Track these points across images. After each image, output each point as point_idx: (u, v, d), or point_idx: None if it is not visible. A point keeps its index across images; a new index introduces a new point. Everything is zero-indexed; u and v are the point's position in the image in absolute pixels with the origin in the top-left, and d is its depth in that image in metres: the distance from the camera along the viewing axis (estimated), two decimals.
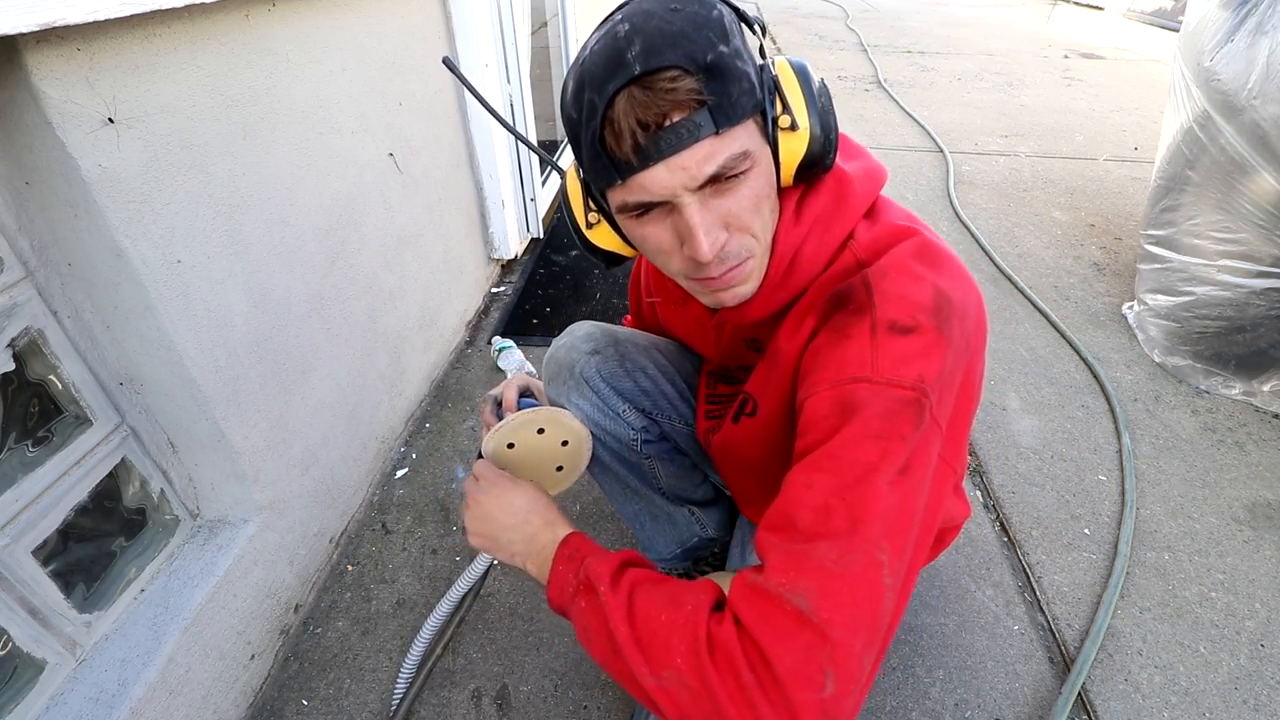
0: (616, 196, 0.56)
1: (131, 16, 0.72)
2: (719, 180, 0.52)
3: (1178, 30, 1.90)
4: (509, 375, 1.70)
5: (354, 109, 1.23)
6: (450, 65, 0.71)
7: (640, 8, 0.51)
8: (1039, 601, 1.18)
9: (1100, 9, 6.73)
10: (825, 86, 0.58)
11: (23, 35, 0.62)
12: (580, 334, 0.92)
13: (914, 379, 0.53)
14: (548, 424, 0.84)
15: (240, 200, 0.94)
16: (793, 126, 0.55)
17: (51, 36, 0.65)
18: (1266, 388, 1.60)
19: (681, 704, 0.48)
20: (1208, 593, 1.19)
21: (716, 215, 0.54)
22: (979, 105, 3.90)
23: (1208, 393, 1.66)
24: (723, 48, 0.50)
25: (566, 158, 2.93)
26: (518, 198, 2.16)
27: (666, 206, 0.54)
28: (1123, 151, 3.21)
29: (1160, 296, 1.75)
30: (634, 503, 1.03)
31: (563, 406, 0.90)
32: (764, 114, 0.54)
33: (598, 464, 0.97)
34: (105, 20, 0.67)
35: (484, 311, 2.02)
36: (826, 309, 0.59)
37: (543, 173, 2.39)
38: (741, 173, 0.53)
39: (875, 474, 0.50)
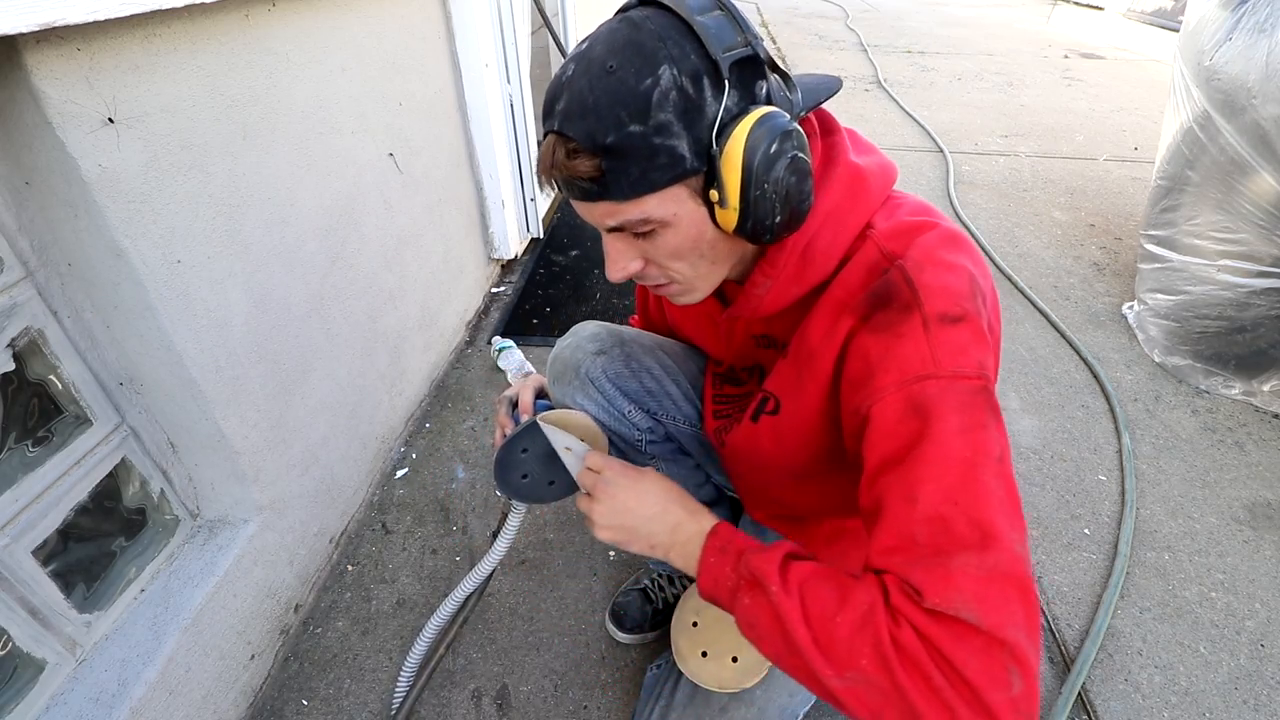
0: None
1: (131, 16, 0.72)
2: (632, 233, 0.56)
3: (1178, 30, 1.90)
4: (509, 375, 1.70)
5: (354, 109, 1.23)
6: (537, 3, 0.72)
7: (588, 53, 0.52)
8: (1039, 601, 1.18)
9: (1100, 9, 6.73)
10: (794, 157, 0.53)
11: (23, 35, 0.62)
12: (585, 334, 0.91)
13: (975, 367, 0.53)
14: (566, 427, 0.83)
15: (240, 200, 0.94)
16: (721, 203, 0.53)
17: (51, 36, 0.65)
18: (1266, 388, 1.60)
19: (871, 704, 0.50)
20: (1208, 593, 1.19)
21: (635, 249, 0.58)
22: (979, 105, 3.90)
23: (1208, 393, 1.66)
24: (633, 128, 0.50)
25: None
26: (518, 198, 2.16)
27: None
28: (1123, 151, 3.21)
29: (1160, 296, 1.75)
30: None
31: (570, 408, 0.90)
32: (705, 175, 0.53)
33: None
34: (105, 20, 0.67)
35: (484, 311, 2.02)
36: (866, 308, 0.58)
37: None
38: (649, 231, 0.56)
39: (977, 469, 0.51)
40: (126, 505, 0.92)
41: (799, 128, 0.53)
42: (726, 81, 0.50)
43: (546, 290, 2.11)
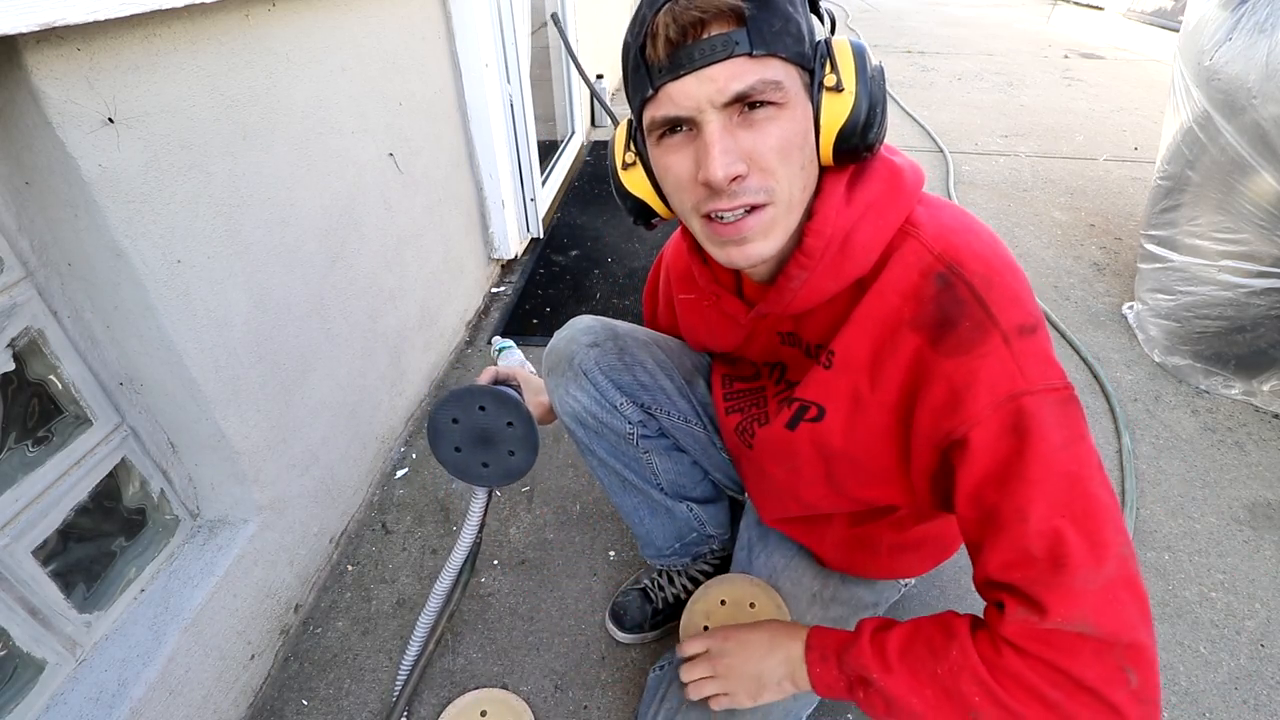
0: (648, 113, 0.57)
1: (131, 16, 0.72)
2: (747, 108, 0.53)
3: (1178, 30, 1.90)
4: None
5: (354, 109, 1.23)
6: (556, 22, 0.73)
7: None
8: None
9: (1100, 9, 6.73)
10: (882, 70, 0.57)
11: (23, 35, 0.62)
12: (580, 327, 0.92)
13: (1060, 377, 0.55)
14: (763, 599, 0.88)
15: (240, 200, 0.94)
16: (837, 87, 0.54)
17: (51, 36, 0.65)
18: (1266, 388, 1.60)
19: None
20: (1208, 593, 1.19)
21: (739, 145, 0.54)
22: (979, 105, 3.90)
23: (1208, 393, 1.66)
24: None
25: (570, 151, 2.93)
26: (518, 198, 2.16)
27: (691, 132, 0.55)
28: (1123, 151, 3.21)
29: (1160, 296, 1.75)
30: (632, 496, 1.03)
31: (562, 397, 0.90)
32: (812, 74, 0.55)
33: (595, 458, 0.97)
34: (105, 20, 0.67)
35: (484, 311, 2.02)
36: (934, 328, 0.57)
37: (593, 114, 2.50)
38: (772, 103, 0.53)
39: (1083, 482, 0.53)
40: (126, 505, 0.92)
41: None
42: (827, 15, 0.58)
43: (546, 290, 2.11)
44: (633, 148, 0.65)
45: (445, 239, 1.70)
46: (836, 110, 0.55)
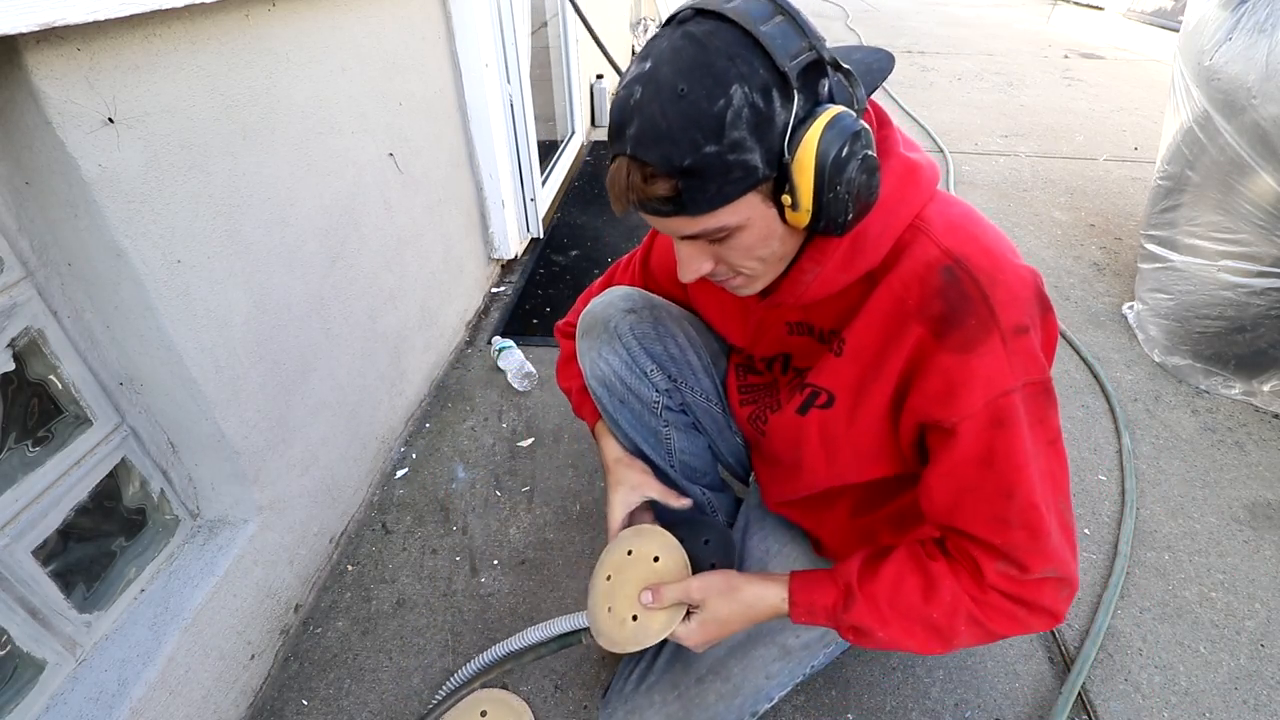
0: None
1: (131, 16, 0.72)
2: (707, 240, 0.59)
3: (1178, 30, 1.90)
4: (509, 375, 1.70)
5: (354, 109, 1.23)
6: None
7: (655, 75, 0.51)
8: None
9: (1100, 9, 6.72)
10: (865, 158, 0.53)
11: (23, 35, 0.62)
12: (619, 294, 0.93)
13: (1042, 370, 0.61)
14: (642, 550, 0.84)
15: (240, 200, 0.94)
16: (794, 207, 0.54)
17: (51, 36, 0.65)
18: (1266, 387, 1.60)
19: (970, 644, 0.70)
20: (1208, 593, 1.19)
21: (707, 253, 0.61)
22: (979, 105, 3.90)
23: (1208, 393, 1.66)
24: (709, 149, 0.50)
25: (570, 151, 2.93)
26: (518, 198, 2.16)
27: None
28: (1123, 151, 3.21)
29: (1160, 296, 1.75)
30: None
31: (594, 359, 0.91)
32: (775, 179, 0.54)
33: (617, 429, 0.96)
34: (105, 20, 0.67)
35: (484, 311, 2.02)
36: (938, 322, 0.60)
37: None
38: (728, 233, 0.57)
39: (1045, 460, 0.63)
40: (126, 505, 0.92)
41: (866, 125, 0.53)
42: (795, 90, 0.50)
43: (546, 290, 2.11)
44: None
45: (445, 239, 1.70)
46: (797, 220, 0.56)
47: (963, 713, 1.02)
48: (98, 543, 0.89)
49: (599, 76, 3.39)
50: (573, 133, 3.09)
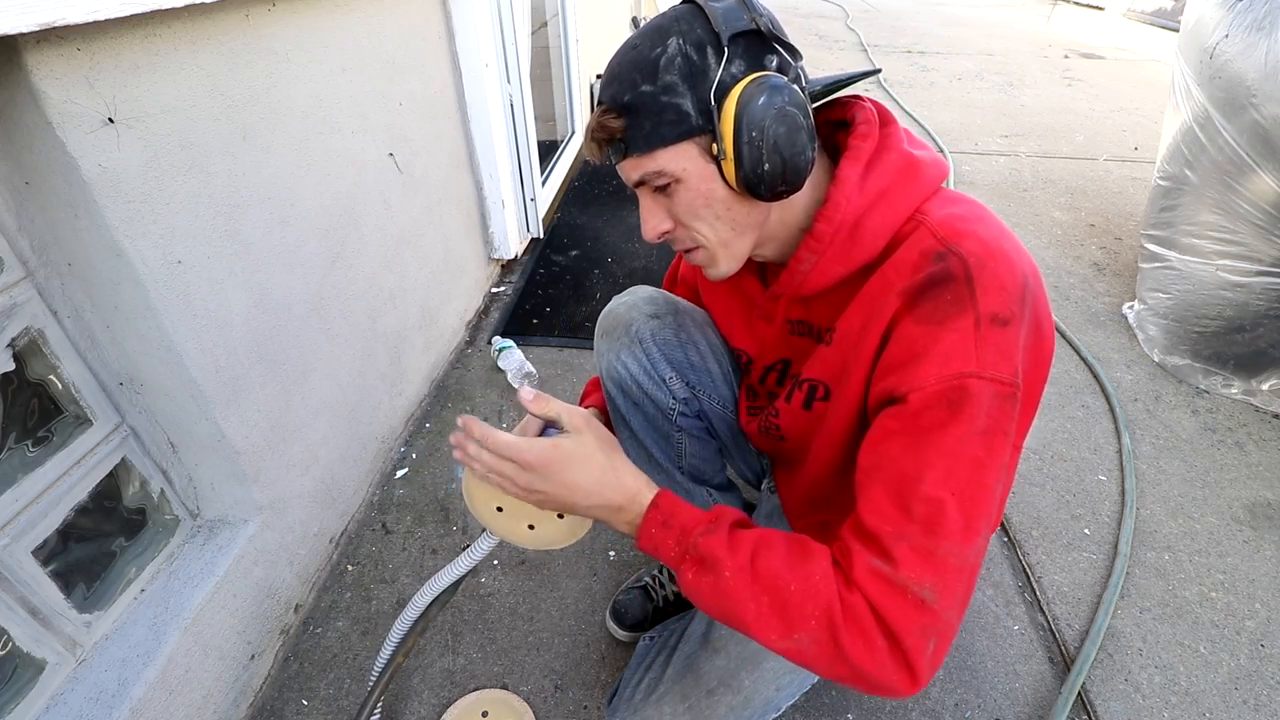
0: None
1: (131, 16, 0.72)
2: (655, 187, 0.63)
3: (1178, 30, 1.90)
4: (509, 375, 1.70)
5: (354, 109, 1.23)
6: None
7: (628, 40, 0.63)
8: (1039, 601, 1.18)
9: (1100, 9, 6.73)
10: (788, 113, 0.56)
11: (23, 35, 0.62)
12: (643, 295, 0.93)
13: (1012, 374, 0.56)
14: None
15: (240, 200, 0.94)
16: (719, 155, 0.59)
17: (51, 36, 0.65)
18: (1266, 387, 1.60)
19: (813, 660, 0.56)
20: (1208, 593, 1.19)
21: (663, 209, 0.65)
22: (979, 105, 3.90)
23: (1208, 392, 1.66)
24: (645, 88, 0.59)
25: (570, 151, 2.93)
26: (518, 198, 2.16)
27: None
28: (1123, 151, 3.21)
29: (1160, 296, 1.75)
30: (656, 475, 1.03)
31: (611, 361, 0.90)
32: (713, 133, 0.59)
33: (627, 430, 0.96)
34: (105, 20, 0.67)
35: (484, 311, 2.02)
36: (915, 294, 0.59)
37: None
38: (672, 182, 0.62)
39: (984, 471, 0.55)
40: (126, 505, 0.92)
41: (795, 88, 0.57)
42: (726, 49, 0.57)
43: (546, 290, 2.11)
44: None
45: (445, 239, 1.70)
46: (729, 171, 0.59)
47: (963, 713, 1.02)
48: (98, 543, 0.89)
49: (599, 76, 3.39)
50: (573, 133, 3.09)
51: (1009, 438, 0.57)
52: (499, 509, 0.75)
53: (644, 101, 0.59)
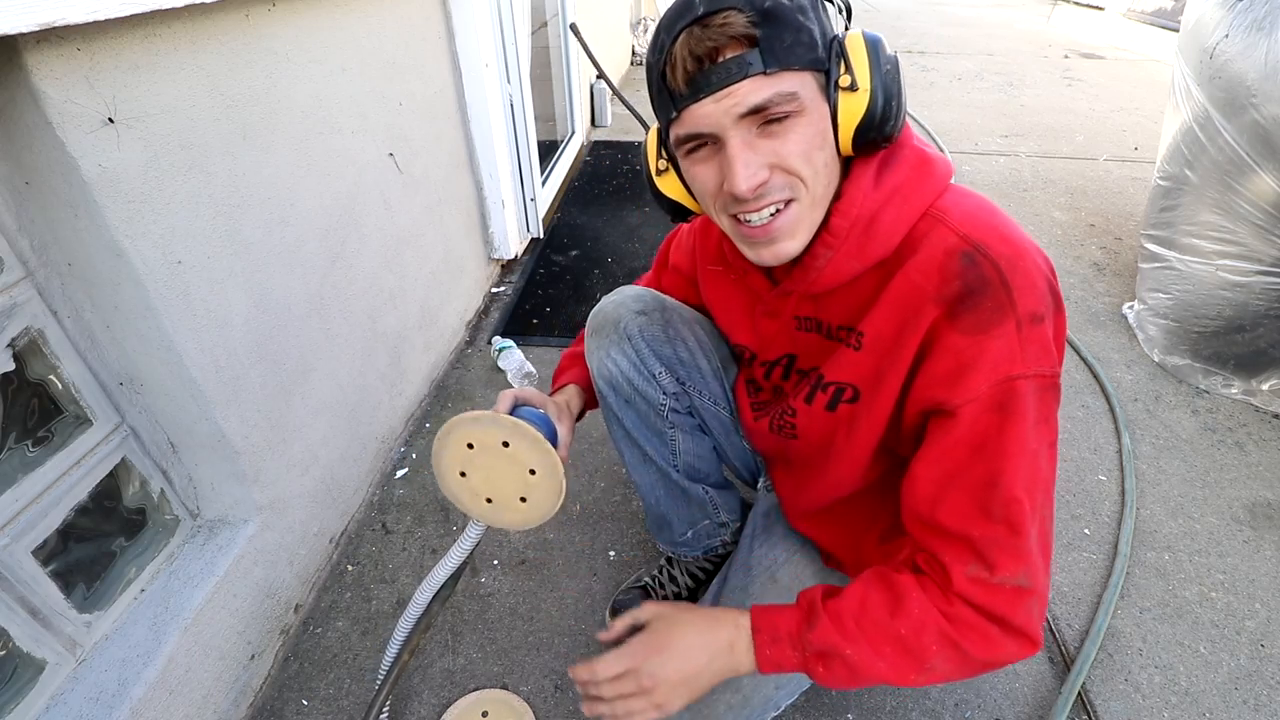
0: (674, 131, 0.61)
1: (131, 16, 0.72)
2: (766, 120, 0.56)
3: (1178, 30, 1.90)
4: (509, 375, 1.70)
5: (354, 109, 1.23)
6: (575, 31, 0.75)
7: None
8: None
9: (1100, 9, 6.72)
10: (896, 60, 0.59)
11: (23, 35, 0.62)
12: (631, 294, 0.93)
13: (1051, 365, 0.60)
14: (516, 437, 0.72)
15: (240, 200, 0.94)
16: (852, 86, 0.57)
17: (51, 36, 0.65)
18: (1266, 387, 1.60)
19: (952, 674, 0.63)
20: (1208, 593, 1.19)
21: (761, 155, 0.58)
22: (979, 105, 3.90)
23: (1208, 392, 1.66)
24: (785, 0, 0.55)
25: (570, 151, 2.93)
26: (518, 198, 2.16)
27: (715, 145, 0.59)
28: (1123, 151, 3.21)
29: (1160, 296, 1.75)
30: (651, 473, 1.03)
31: (601, 359, 0.89)
32: (827, 74, 0.58)
33: (620, 428, 0.96)
34: (105, 20, 0.67)
35: (484, 311, 2.02)
36: (954, 302, 0.59)
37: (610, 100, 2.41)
38: (788, 114, 0.56)
39: (1041, 459, 0.61)
40: (126, 505, 0.92)
41: None
42: (841, 4, 0.60)
43: (546, 290, 2.11)
44: (664, 154, 0.71)
45: (445, 239, 1.70)
46: (852, 108, 0.58)
47: (963, 713, 1.02)
48: (98, 543, 0.89)
49: (599, 76, 3.39)
50: (573, 133, 3.09)
51: (1053, 421, 0.61)
52: (489, 500, 0.77)
53: (784, 13, 0.54)
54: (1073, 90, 4.24)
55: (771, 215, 0.61)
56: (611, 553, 1.28)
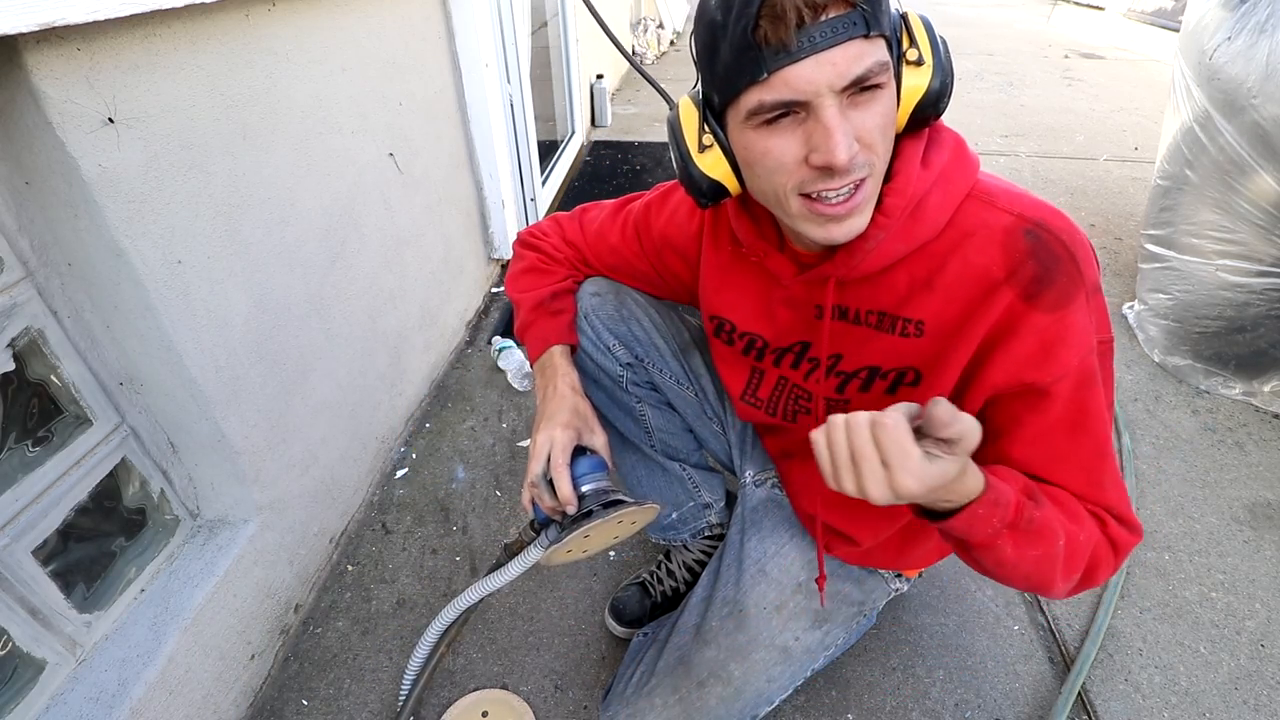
0: (753, 97, 0.54)
1: (131, 16, 0.72)
2: (859, 90, 0.53)
3: (1178, 30, 1.89)
4: (509, 375, 1.70)
5: (354, 109, 1.23)
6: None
7: None
8: (1039, 601, 1.18)
9: (1100, 9, 6.72)
10: (944, 39, 0.60)
11: (23, 35, 0.62)
12: (588, 281, 0.97)
13: (1109, 329, 0.63)
14: (624, 532, 0.82)
15: (240, 200, 0.94)
16: (919, 61, 0.56)
17: (51, 36, 0.65)
18: (1267, 388, 1.60)
19: (1070, 590, 0.67)
20: (1208, 593, 1.19)
21: (850, 126, 0.54)
22: (979, 105, 3.90)
23: (1208, 393, 1.66)
24: None
25: (570, 151, 2.93)
26: (518, 198, 2.16)
27: (800, 114, 0.54)
28: (1123, 151, 3.21)
29: (1160, 296, 1.75)
30: (630, 454, 1.06)
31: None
32: (892, 46, 0.55)
33: (595, 412, 0.93)
34: (105, 20, 0.67)
35: (484, 311, 2.02)
36: (1030, 283, 0.60)
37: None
38: (879, 85, 0.54)
39: (1109, 416, 0.65)
40: (126, 505, 0.92)
41: None
42: None
43: None
44: (708, 129, 0.63)
45: (445, 239, 1.70)
46: (917, 82, 0.57)
47: (963, 713, 1.02)
48: (98, 543, 0.89)
49: (599, 76, 3.39)
50: (573, 133, 3.09)
51: (1110, 384, 0.65)
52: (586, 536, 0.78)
53: None
54: (1073, 90, 4.24)
55: (851, 191, 0.57)
56: (611, 553, 1.28)
